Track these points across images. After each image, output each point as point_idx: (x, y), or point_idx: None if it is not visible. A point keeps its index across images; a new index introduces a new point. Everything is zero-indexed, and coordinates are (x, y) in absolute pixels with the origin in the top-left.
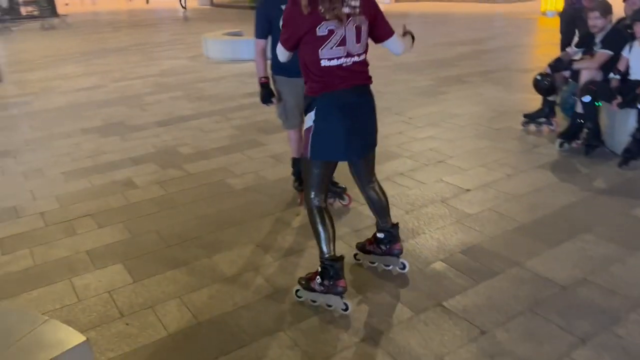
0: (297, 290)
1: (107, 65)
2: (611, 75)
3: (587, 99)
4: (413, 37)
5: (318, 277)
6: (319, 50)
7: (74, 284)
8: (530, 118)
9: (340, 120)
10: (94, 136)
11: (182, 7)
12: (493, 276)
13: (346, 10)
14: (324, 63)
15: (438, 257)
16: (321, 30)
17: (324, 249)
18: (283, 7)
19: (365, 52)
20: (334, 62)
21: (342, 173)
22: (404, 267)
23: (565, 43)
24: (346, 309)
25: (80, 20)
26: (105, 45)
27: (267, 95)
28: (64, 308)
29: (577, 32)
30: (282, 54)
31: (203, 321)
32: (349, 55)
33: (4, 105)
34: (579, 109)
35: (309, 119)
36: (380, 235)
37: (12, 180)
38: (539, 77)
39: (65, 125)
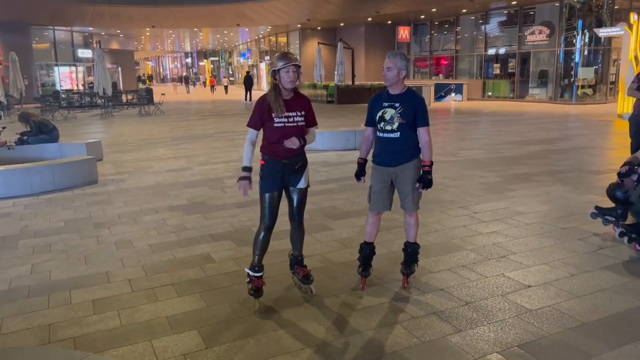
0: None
1: (193, 149)
2: None
3: None
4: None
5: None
6: None
7: (154, 346)
8: (601, 212)
9: None
10: (178, 213)
11: (245, 100)
12: None
13: None
14: None
15: (495, 349)
16: None
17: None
18: (384, 104)
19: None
20: None
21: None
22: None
23: (635, 147)
24: (312, 292)
25: (172, 108)
26: (193, 131)
27: (358, 173)
28: None
29: None
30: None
31: None
32: None
33: (103, 182)
34: None
35: None
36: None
37: (106, 249)
38: (612, 188)
39: (154, 202)
